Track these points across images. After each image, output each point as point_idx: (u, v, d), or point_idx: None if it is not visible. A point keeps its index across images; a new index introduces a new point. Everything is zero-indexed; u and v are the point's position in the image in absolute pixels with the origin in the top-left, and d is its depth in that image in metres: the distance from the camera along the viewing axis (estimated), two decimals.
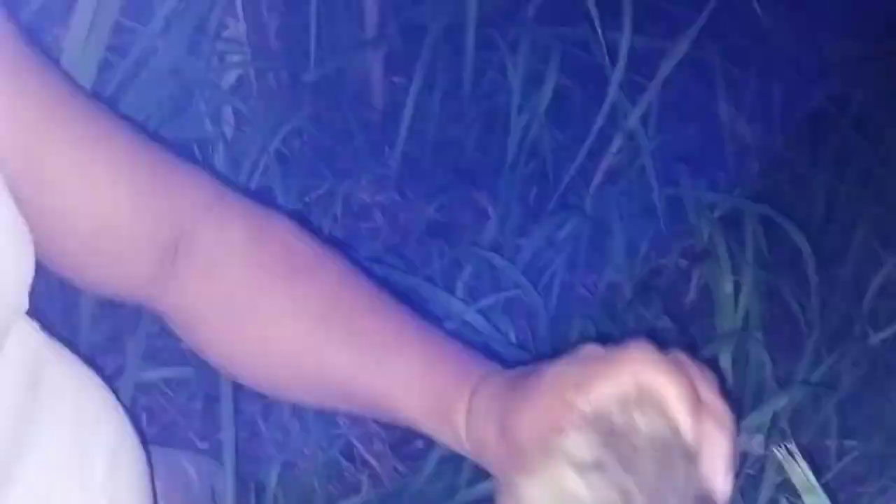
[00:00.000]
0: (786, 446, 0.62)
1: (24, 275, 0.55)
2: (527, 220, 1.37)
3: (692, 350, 1.15)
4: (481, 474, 1.08)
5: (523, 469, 0.50)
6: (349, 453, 1.23)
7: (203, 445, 1.16)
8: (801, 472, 0.63)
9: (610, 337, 1.28)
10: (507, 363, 0.59)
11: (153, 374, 1.09)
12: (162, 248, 0.60)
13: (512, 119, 1.48)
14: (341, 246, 0.84)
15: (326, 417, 1.23)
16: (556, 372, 0.51)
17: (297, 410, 1.21)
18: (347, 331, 0.59)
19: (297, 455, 1.17)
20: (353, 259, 0.65)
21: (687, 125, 1.48)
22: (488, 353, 0.61)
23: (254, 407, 1.20)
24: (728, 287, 1.16)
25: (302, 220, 0.66)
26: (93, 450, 0.62)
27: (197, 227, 0.61)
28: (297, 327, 0.59)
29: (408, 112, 1.49)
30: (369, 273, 0.64)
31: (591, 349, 0.52)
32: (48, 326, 0.62)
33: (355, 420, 1.27)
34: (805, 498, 0.64)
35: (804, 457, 0.61)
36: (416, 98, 1.49)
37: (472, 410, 0.55)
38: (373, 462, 1.24)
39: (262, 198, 0.93)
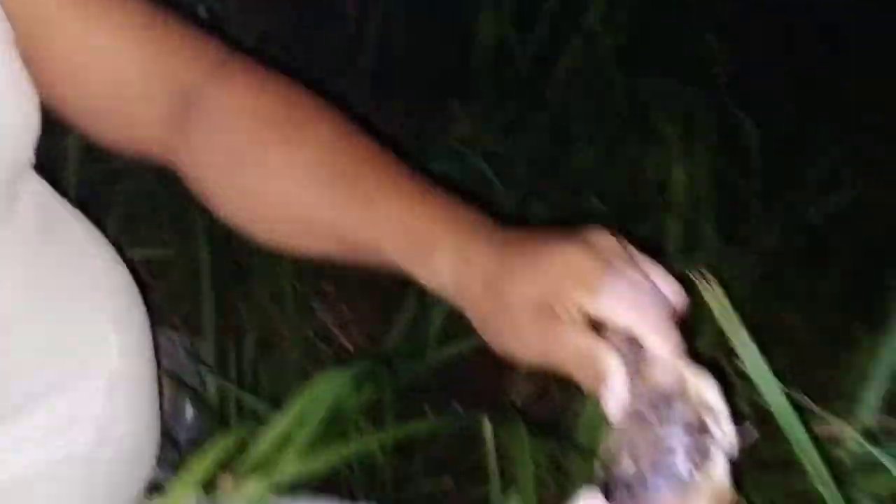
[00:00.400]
0: (701, 272, 0.65)
1: (30, 130, 0.61)
2: (495, 116, 1.42)
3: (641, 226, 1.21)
4: (446, 337, 1.15)
5: (503, 323, 0.55)
6: (325, 336, 1.30)
7: (184, 328, 1.22)
8: (716, 298, 0.67)
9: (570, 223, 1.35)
10: None
11: (133, 255, 1.15)
12: (171, 104, 0.64)
13: (480, 23, 1.53)
14: None
15: (303, 302, 1.29)
16: (566, 257, 0.53)
17: (275, 295, 1.27)
18: (339, 178, 0.62)
19: (276, 336, 1.24)
20: None
21: (649, 24, 1.52)
22: None
23: (234, 292, 1.27)
24: (680, 173, 1.22)
25: None
26: (100, 287, 0.68)
27: (205, 84, 0.64)
28: (293, 175, 0.63)
29: (376, 19, 1.54)
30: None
31: (604, 239, 0.54)
32: None
33: (331, 305, 1.34)
34: (723, 324, 0.67)
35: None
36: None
37: (460, 255, 0.57)
38: (347, 345, 1.31)
39: None
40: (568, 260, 0.53)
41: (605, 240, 0.54)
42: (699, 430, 0.48)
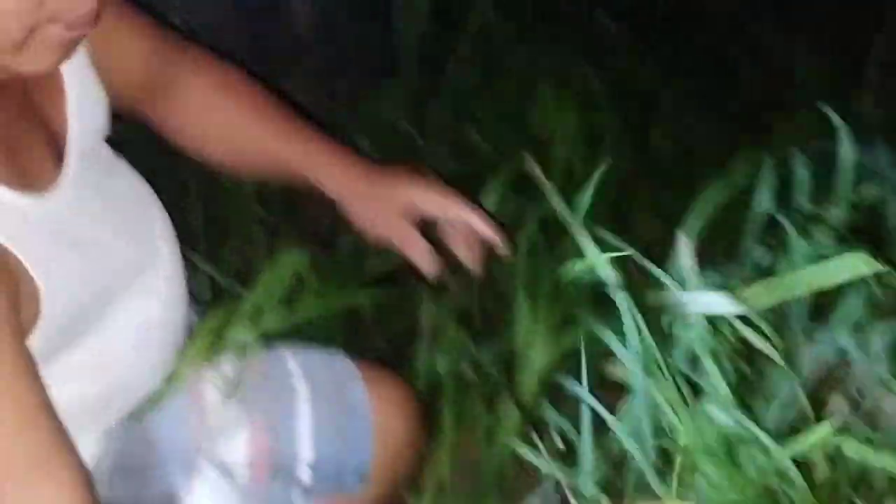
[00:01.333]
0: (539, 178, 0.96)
1: (106, 110, 0.97)
2: (417, 91, 1.80)
3: None
4: (380, 260, 1.50)
5: (372, 210, 1.01)
6: None
7: None
8: (539, 176, 0.99)
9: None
10: None
11: None
12: (159, 74, 1.03)
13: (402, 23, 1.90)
14: None
15: (270, 245, 1.62)
16: (415, 177, 1.02)
17: (246, 238, 1.61)
18: (274, 124, 1.06)
19: (251, 270, 1.57)
20: None
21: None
22: None
23: (217, 240, 1.61)
24: (554, 122, 1.59)
25: None
26: (152, 210, 1.00)
27: (179, 63, 1.05)
28: (248, 121, 1.06)
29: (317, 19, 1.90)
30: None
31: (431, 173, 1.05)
32: None
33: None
34: (545, 191, 0.94)
35: None
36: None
37: (348, 169, 1.04)
38: None
39: None
40: (417, 179, 1.03)
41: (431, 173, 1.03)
42: None
